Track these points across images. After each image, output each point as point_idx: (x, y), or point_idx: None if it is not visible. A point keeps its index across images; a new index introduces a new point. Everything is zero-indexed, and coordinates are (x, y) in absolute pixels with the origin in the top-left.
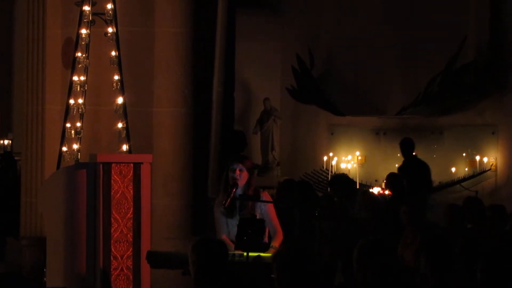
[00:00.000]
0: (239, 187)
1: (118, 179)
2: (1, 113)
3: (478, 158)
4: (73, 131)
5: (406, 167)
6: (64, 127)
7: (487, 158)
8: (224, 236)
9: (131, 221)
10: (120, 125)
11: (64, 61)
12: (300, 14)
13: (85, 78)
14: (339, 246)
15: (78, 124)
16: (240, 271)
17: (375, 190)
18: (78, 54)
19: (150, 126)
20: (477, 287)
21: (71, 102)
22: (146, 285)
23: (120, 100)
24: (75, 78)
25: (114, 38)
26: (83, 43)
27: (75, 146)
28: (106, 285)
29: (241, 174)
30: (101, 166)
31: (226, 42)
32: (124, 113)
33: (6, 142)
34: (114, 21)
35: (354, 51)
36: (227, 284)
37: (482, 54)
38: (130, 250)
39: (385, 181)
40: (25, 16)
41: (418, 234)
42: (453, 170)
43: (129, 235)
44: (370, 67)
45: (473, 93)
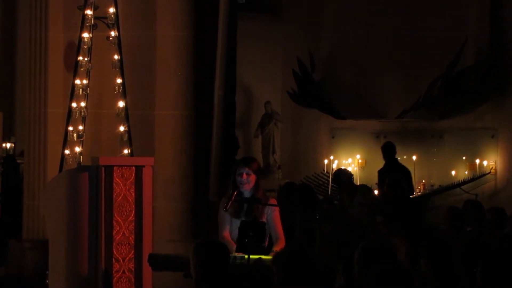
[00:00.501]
0: (247, 191)
1: (120, 182)
2: (3, 116)
3: (478, 161)
4: (75, 134)
5: (386, 171)
6: (66, 130)
7: (487, 162)
8: (226, 233)
9: (133, 223)
10: (122, 128)
11: (66, 64)
12: (301, 19)
13: (87, 81)
14: (340, 249)
15: (80, 127)
16: (241, 274)
17: (375, 193)
18: (80, 57)
19: (152, 129)
20: None
21: (74, 105)
22: (147, 287)
23: (122, 103)
24: (78, 81)
25: (116, 41)
26: (86, 47)
27: (77, 149)
28: (108, 287)
29: (248, 178)
30: (103, 169)
31: (227, 46)
32: (126, 116)
33: (8, 145)
34: (116, 25)
35: (355, 55)
36: (228, 286)
37: (482, 58)
38: (132, 253)
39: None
40: (27, 19)
41: (403, 239)
42: (453, 173)
43: (131, 238)
44: (371, 71)
45: (473, 97)
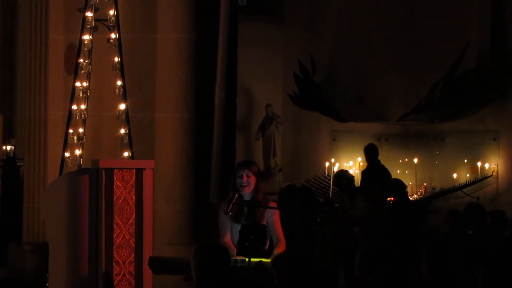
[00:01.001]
0: (248, 193)
1: (120, 185)
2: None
3: (479, 164)
4: (75, 137)
5: (369, 172)
6: (66, 133)
7: (489, 164)
8: (227, 239)
9: (133, 226)
10: (122, 131)
11: (66, 67)
12: (301, 21)
13: (87, 84)
14: (341, 252)
15: (81, 130)
16: (242, 277)
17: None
18: (81, 60)
19: (152, 132)
20: None
21: (74, 108)
22: None
23: (122, 106)
24: (78, 84)
25: (117, 44)
26: (86, 49)
27: (78, 152)
28: None
29: (248, 180)
30: (103, 171)
31: (228, 48)
32: (126, 119)
33: (8, 147)
34: (116, 27)
35: (356, 58)
36: None
37: (484, 61)
38: (132, 256)
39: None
40: (28, 22)
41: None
42: (454, 176)
43: (131, 241)
44: (372, 74)
45: (474, 99)
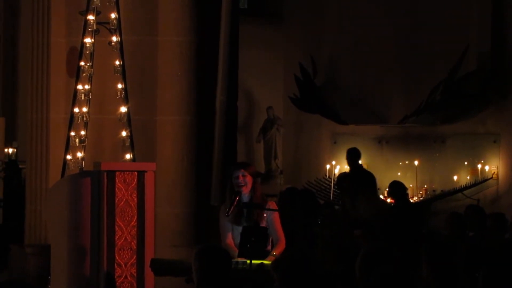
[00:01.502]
0: (246, 194)
1: (122, 187)
2: (5, 121)
3: (480, 166)
4: (77, 140)
5: (352, 176)
6: (68, 136)
7: (489, 167)
8: (228, 240)
9: (135, 229)
10: (124, 133)
11: (68, 69)
12: (302, 24)
13: (89, 86)
14: (342, 254)
15: (83, 132)
16: (243, 279)
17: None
18: (82, 63)
19: (154, 134)
20: None
21: (76, 110)
22: None
23: (124, 108)
24: (80, 86)
25: (118, 47)
26: (88, 52)
27: (80, 155)
28: None
29: (245, 179)
30: (105, 174)
31: (229, 51)
32: (128, 121)
33: (10, 150)
34: (118, 30)
35: (357, 60)
36: None
37: (485, 63)
38: (134, 258)
39: (387, 189)
40: (29, 24)
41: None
42: (455, 178)
43: (133, 243)
44: (373, 76)
45: (475, 102)
